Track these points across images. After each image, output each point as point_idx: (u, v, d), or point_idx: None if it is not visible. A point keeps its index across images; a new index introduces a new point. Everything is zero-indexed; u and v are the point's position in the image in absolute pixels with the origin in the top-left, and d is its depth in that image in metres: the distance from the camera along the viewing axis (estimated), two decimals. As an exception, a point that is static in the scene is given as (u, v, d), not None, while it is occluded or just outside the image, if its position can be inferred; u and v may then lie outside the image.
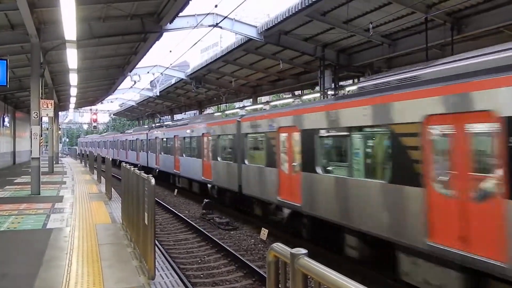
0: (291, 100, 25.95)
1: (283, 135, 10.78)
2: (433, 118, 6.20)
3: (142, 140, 30.17)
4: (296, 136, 9.99)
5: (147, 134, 28.78)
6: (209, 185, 16.75)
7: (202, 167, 17.23)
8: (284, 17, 14.28)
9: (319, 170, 9.08)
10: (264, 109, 22.00)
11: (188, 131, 19.64)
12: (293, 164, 10.25)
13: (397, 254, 6.94)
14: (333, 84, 18.25)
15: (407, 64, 17.78)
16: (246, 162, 13.16)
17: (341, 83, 19.79)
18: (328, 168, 9.18)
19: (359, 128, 8.04)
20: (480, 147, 5.77)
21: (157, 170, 25.18)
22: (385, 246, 7.29)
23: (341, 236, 8.52)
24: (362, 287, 1.73)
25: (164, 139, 24.40)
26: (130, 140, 35.12)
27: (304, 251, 2.17)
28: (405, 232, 6.61)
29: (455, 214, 5.77)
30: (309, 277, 2.15)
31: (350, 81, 22.40)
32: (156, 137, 26.02)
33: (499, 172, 5.25)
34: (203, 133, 17.30)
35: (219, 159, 15.39)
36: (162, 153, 24.71)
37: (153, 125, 34.84)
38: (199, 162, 17.55)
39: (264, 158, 11.83)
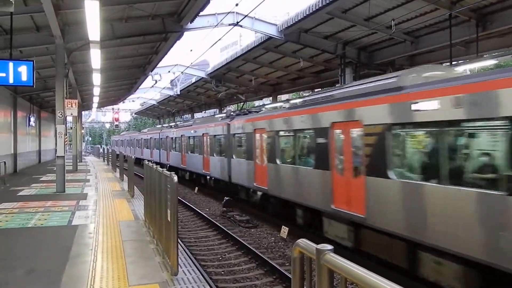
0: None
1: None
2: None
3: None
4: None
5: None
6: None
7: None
8: (304, 15, 14.23)
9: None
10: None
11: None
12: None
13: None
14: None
15: (430, 62, 17.54)
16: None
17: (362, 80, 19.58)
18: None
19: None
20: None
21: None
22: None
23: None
24: (389, 282, 1.72)
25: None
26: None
27: (329, 247, 2.17)
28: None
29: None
30: (335, 273, 2.15)
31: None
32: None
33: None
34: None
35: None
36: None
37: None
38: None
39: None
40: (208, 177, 19.95)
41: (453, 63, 14.72)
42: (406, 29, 14.51)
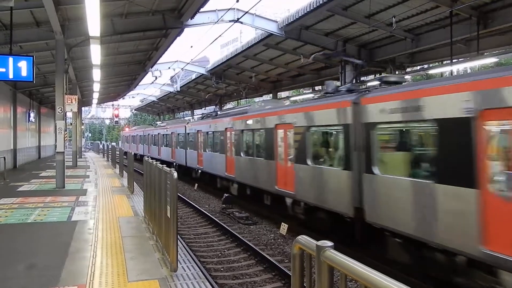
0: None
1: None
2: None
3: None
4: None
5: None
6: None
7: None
8: (305, 11, 14.19)
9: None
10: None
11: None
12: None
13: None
14: (354, 80, 18.06)
15: (430, 59, 17.53)
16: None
17: (362, 78, 19.58)
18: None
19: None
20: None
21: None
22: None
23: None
24: (389, 279, 1.72)
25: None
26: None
27: (330, 243, 2.17)
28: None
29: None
30: (335, 269, 2.15)
31: (372, 76, 22.14)
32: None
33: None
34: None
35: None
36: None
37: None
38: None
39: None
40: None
41: (453, 61, 14.71)
42: (407, 27, 14.48)
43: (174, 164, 25.91)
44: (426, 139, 7.32)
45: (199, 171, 21.17)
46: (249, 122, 14.40)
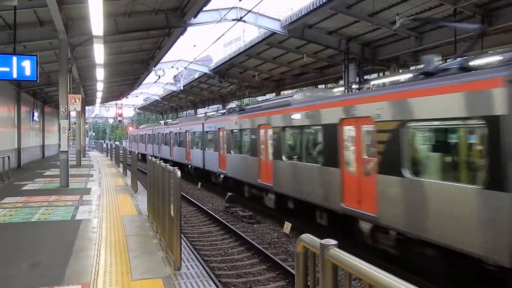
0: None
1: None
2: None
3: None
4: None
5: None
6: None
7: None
8: (308, 10, 14.17)
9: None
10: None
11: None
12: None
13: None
14: (357, 78, 18.03)
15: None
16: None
17: (365, 76, 19.53)
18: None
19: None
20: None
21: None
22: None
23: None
24: (393, 277, 1.71)
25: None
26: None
27: (333, 242, 2.16)
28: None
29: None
30: (338, 268, 2.14)
31: (375, 75, 22.09)
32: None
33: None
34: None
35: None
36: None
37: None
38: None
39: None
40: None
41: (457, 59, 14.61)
42: (410, 25, 14.42)
43: (190, 167, 23.62)
44: None
45: (221, 175, 18.15)
46: (296, 116, 11.29)
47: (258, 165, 13.71)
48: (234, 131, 16.30)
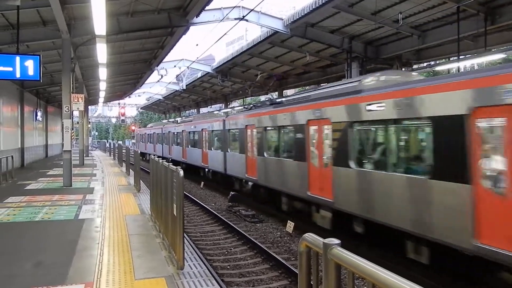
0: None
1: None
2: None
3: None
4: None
5: None
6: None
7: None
8: (310, 9, 14.13)
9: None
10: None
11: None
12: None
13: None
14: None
15: (437, 56, 17.40)
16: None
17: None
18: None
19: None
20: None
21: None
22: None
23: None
24: (397, 277, 1.70)
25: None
26: None
27: (337, 241, 2.15)
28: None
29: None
30: (342, 267, 2.13)
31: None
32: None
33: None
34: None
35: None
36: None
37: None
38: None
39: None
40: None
41: (460, 57, 14.59)
42: (413, 23, 14.38)
43: (207, 170, 20.94)
44: None
45: (249, 183, 15.32)
46: (373, 108, 8.23)
47: (307, 172, 10.80)
48: (268, 129, 13.56)
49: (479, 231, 5.81)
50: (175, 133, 28.31)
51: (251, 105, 18.32)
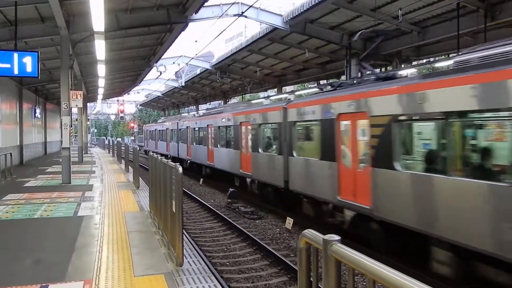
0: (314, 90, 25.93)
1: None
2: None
3: None
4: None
5: None
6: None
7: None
8: (310, 5, 14.08)
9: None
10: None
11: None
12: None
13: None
14: (359, 73, 17.95)
15: (436, 52, 17.36)
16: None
17: (367, 72, 19.43)
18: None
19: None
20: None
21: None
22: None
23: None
24: (398, 273, 1.69)
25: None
26: None
27: (337, 237, 2.14)
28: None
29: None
30: (342, 263, 2.12)
31: (377, 70, 21.99)
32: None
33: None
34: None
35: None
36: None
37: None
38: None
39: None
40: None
41: (459, 53, 14.53)
42: (413, 19, 14.34)
43: (250, 181, 15.48)
44: None
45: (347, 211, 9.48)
46: None
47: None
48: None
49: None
50: (196, 128, 23.39)
51: (339, 82, 12.18)
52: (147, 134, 43.14)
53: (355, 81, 10.68)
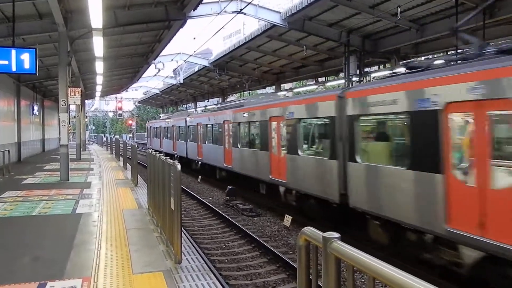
0: (312, 87, 25.84)
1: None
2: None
3: None
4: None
5: None
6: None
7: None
8: (308, 2, 14.04)
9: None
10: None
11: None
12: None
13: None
14: (358, 71, 17.95)
15: (435, 50, 17.35)
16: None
17: (366, 69, 19.44)
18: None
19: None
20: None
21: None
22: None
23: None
24: (398, 270, 1.69)
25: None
26: None
27: (336, 234, 2.13)
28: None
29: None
30: (342, 261, 2.12)
31: (376, 67, 22.00)
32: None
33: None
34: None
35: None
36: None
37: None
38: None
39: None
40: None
41: (458, 51, 14.55)
42: (411, 17, 14.32)
43: (292, 191, 11.83)
44: None
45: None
46: None
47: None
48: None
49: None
50: (209, 125, 20.31)
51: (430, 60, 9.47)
52: (150, 131, 39.05)
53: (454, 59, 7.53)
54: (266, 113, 13.58)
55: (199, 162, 22.19)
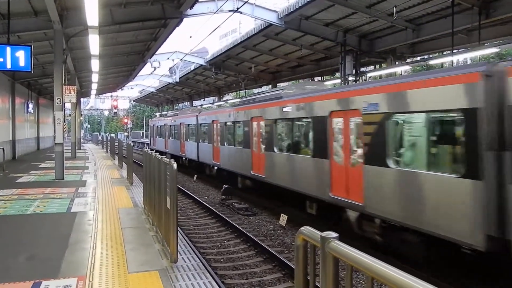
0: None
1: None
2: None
3: None
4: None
5: None
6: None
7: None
8: (305, 1, 14.06)
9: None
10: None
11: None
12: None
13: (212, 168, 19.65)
14: (354, 70, 17.98)
15: (431, 50, 17.42)
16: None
17: (362, 69, 19.48)
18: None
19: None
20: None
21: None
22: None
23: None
24: (396, 269, 1.68)
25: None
26: None
27: (334, 234, 2.13)
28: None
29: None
30: (340, 261, 2.11)
31: (372, 67, 22.05)
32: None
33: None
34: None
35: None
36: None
37: None
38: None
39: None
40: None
41: (454, 51, 14.61)
42: (408, 17, 14.37)
43: (373, 218, 8.29)
44: None
45: None
46: None
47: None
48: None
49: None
50: (229, 123, 16.87)
51: None
52: (154, 130, 34.74)
53: None
54: (323, 107, 9.77)
55: (215, 167, 18.95)
